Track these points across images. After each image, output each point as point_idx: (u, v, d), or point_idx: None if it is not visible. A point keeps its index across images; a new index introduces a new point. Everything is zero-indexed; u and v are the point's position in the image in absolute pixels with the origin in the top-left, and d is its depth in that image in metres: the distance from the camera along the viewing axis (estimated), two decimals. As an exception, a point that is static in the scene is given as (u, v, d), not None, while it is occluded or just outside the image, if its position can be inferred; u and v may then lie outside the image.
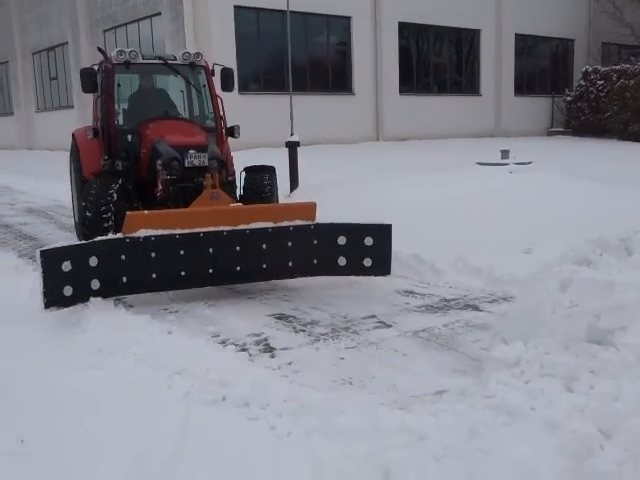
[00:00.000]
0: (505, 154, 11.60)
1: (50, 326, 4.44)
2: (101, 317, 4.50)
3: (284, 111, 12.02)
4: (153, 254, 4.87)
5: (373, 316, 4.87)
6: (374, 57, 20.04)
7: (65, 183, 8.39)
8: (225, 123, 7.08)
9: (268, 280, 5.44)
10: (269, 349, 4.27)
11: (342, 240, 5.34)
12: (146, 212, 5.33)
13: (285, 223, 5.25)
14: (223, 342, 4.33)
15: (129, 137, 6.72)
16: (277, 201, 6.97)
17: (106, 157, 6.76)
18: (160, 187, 6.13)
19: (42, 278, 4.41)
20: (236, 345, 4.25)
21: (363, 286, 5.63)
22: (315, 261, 5.36)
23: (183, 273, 4.98)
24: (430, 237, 6.56)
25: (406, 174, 10.12)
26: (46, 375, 3.72)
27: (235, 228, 5.10)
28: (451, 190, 8.51)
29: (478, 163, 11.26)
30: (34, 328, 4.38)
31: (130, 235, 4.86)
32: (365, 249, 5.36)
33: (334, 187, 9.86)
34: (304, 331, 4.60)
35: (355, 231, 5.36)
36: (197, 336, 4.33)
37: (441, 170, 10.10)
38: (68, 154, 7.84)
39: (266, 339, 4.44)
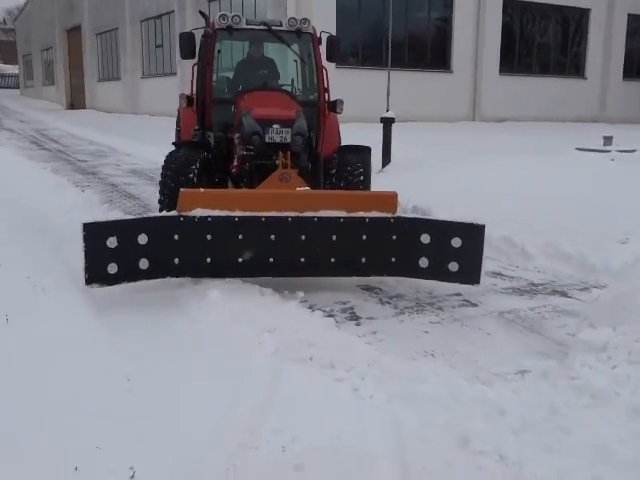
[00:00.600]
0: (608, 141, 11.19)
1: (149, 284, 4.66)
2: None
3: (380, 87, 12.03)
4: (209, 236, 4.48)
5: (458, 294, 4.91)
6: (475, 35, 19.57)
7: (167, 147, 8.79)
8: (329, 96, 6.47)
9: (336, 276, 4.88)
10: (355, 317, 4.41)
11: (425, 238, 4.63)
12: (202, 190, 4.86)
13: (360, 213, 4.65)
14: (311, 307, 4.51)
15: (225, 108, 6.19)
16: (369, 187, 6.21)
17: (196, 127, 6.39)
18: (235, 163, 5.74)
19: (84, 252, 4.17)
20: (323, 311, 4.42)
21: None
22: (393, 259, 4.72)
23: (240, 260, 4.56)
24: (522, 221, 6.47)
25: (501, 156, 9.94)
26: (149, 325, 4.01)
27: (301, 215, 4.58)
28: (547, 175, 8.32)
29: (578, 149, 10.92)
30: (132, 285, 4.55)
31: (185, 214, 4.47)
32: (452, 251, 4.60)
33: (426, 165, 9.83)
34: (389, 303, 4.72)
35: (441, 229, 4.65)
36: (287, 299, 4.52)
37: (538, 154, 9.86)
38: (170, 119, 8.13)
39: (352, 308, 4.59)
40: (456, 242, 4.58)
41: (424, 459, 2.64)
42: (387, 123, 10.57)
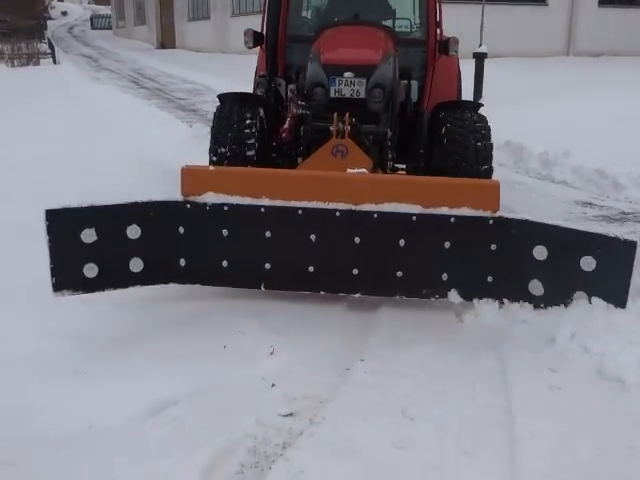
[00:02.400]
0: None
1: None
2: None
3: (469, 21, 11.93)
4: (225, 231, 3.39)
5: (549, 221, 5.18)
6: (574, -36, 18.74)
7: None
8: (441, 33, 4.91)
9: (404, 296, 3.46)
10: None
11: (541, 253, 3.23)
12: (211, 168, 3.67)
13: (443, 210, 3.30)
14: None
15: (304, 49, 4.63)
16: (490, 174, 4.22)
17: (262, 73, 4.85)
18: (286, 126, 4.32)
19: (49, 249, 3.21)
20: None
21: (537, 193, 5.86)
22: (489, 279, 3.37)
23: (268, 266, 3.44)
24: (616, 153, 6.57)
25: (596, 90, 9.83)
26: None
27: (355, 208, 3.32)
28: (644, 108, 8.25)
29: (679, 83, 10.61)
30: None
31: (192, 199, 3.39)
32: (580, 276, 3.18)
33: (519, 100, 9.86)
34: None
35: (566, 241, 3.20)
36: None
37: (636, 88, 9.69)
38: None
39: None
40: (588, 263, 3.15)
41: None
42: (480, 58, 10.60)
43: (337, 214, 3.33)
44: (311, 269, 3.42)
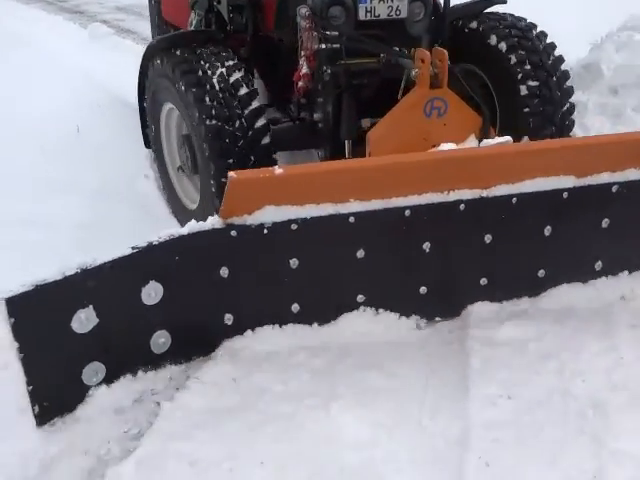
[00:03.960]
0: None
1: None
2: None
3: None
4: (294, 261, 2.30)
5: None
6: None
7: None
8: None
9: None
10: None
11: None
12: (278, 169, 2.15)
13: (604, 177, 2.49)
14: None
15: None
16: (569, 113, 3.25)
17: None
18: (303, 69, 2.90)
19: (22, 363, 1.93)
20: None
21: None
22: None
23: (361, 298, 2.43)
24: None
25: None
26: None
27: (487, 194, 2.38)
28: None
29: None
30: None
31: (241, 222, 2.21)
32: None
33: None
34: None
35: None
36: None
37: None
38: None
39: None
40: None
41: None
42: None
43: (461, 207, 2.36)
44: (423, 291, 2.46)
